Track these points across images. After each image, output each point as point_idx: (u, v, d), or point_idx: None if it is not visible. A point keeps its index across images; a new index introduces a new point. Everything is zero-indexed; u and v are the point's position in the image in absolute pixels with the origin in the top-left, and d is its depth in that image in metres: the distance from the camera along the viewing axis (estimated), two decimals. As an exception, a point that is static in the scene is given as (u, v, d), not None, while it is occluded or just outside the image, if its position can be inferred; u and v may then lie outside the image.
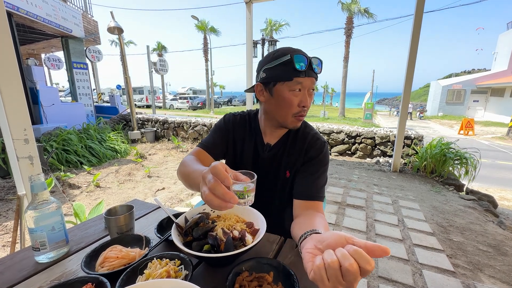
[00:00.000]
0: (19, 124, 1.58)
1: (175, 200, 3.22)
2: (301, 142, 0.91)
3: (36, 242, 0.65)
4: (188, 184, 0.78)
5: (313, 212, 0.77)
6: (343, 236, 0.43)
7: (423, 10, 3.71)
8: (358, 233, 2.31)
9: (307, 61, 0.79)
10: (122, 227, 0.76)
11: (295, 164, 0.91)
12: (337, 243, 0.42)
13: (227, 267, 0.63)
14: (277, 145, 0.93)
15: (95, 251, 0.65)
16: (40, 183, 0.66)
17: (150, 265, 0.59)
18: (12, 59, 1.52)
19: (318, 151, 0.89)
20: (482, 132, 12.11)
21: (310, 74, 0.80)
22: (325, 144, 0.91)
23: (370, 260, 0.36)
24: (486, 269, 1.86)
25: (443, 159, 3.98)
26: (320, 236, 0.48)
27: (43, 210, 0.65)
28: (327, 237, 0.45)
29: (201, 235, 0.63)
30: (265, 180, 0.94)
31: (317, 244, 0.47)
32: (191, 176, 0.73)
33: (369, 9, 15.76)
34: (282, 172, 0.92)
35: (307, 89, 0.82)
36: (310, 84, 0.82)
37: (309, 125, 0.96)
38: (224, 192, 0.48)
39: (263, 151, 0.93)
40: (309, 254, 0.45)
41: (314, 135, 0.92)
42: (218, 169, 0.49)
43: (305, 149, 0.90)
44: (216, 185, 0.48)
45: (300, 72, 0.78)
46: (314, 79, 0.82)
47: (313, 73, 0.81)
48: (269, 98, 0.85)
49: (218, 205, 0.49)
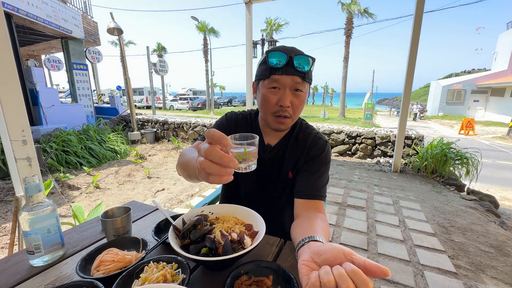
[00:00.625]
0: (17, 125, 1.57)
1: (175, 201, 3.20)
2: (303, 142, 0.89)
3: (31, 246, 0.64)
4: (187, 173, 0.72)
5: (313, 213, 0.76)
6: (341, 250, 0.41)
7: (423, 10, 3.70)
8: (359, 234, 2.30)
9: (287, 58, 0.75)
10: (119, 230, 0.74)
11: (296, 164, 0.89)
12: (335, 259, 0.41)
13: (225, 270, 0.61)
14: (278, 145, 0.91)
15: (90, 255, 0.64)
16: (35, 185, 0.64)
17: (147, 268, 0.58)
18: (10, 60, 1.51)
19: (319, 150, 0.87)
20: (482, 132, 12.09)
21: (290, 72, 0.76)
22: (326, 143, 0.90)
23: (368, 283, 0.35)
24: (488, 270, 1.84)
25: (444, 159, 3.97)
26: (318, 248, 0.46)
27: (37, 212, 0.64)
28: (325, 250, 0.44)
29: (199, 238, 0.61)
30: (266, 181, 0.93)
31: (314, 256, 0.45)
32: (190, 164, 0.67)
33: (369, 9, 15.77)
34: (284, 173, 0.90)
35: (288, 87, 0.77)
36: (290, 83, 0.77)
37: (310, 126, 0.95)
38: (221, 155, 0.42)
39: (264, 152, 0.92)
40: (305, 267, 0.44)
41: (316, 135, 0.91)
42: (213, 131, 0.43)
43: (307, 148, 0.88)
44: (212, 149, 0.42)
45: (277, 69, 0.76)
46: (297, 77, 0.76)
47: (295, 71, 0.76)
48: (257, 96, 0.86)
49: (217, 172, 0.42)
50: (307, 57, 0.76)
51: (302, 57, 0.76)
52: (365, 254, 2.00)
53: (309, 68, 0.77)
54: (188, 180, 0.82)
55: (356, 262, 0.38)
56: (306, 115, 18.76)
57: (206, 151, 0.42)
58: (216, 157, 0.42)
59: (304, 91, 0.80)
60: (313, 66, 0.81)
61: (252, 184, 0.94)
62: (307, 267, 0.44)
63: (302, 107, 0.82)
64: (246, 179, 0.94)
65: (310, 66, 0.77)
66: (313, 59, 0.78)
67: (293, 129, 0.92)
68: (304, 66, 0.76)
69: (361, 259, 0.38)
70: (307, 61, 0.76)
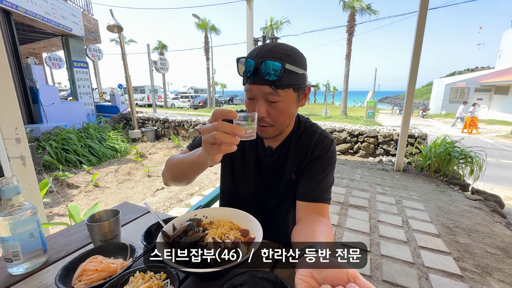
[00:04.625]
0: (10, 123, 1.52)
1: (174, 200, 3.16)
2: (307, 141, 0.82)
3: (8, 253, 0.59)
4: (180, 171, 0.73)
5: (316, 218, 0.71)
6: (345, 271, 0.37)
7: (427, 7, 3.62)
8: (361, 235, 2.25)
9: (254, 65, 0.65)
10: (107, 235, 0.70)
11: (300, 165, 0.82)
12: (337, 279, 0.37)
13: (218, 281, 0.56)
14: (280, 147, 0.85)
15: (73, 262, 0.59)
16: (13, 187, 0.60)
17: (132, 279, 0.53)
18: (2, 58, 1.47)
19: (325, 149, 0.80)
20: (486, 130, 11.96)
21: (258, 81, 0.66)
22: (332, 142, 0.83)
23: None
24: (495, 273, 1.79)
25: (447, 158, 3.90)
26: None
27: (15, 217, 0.59)
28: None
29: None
30: (269, 185, 0.87)
31: (313, 272, 0.41)
32: (184, 160, 0.70)
33: (371, 6, 15.60)
34: (287, 175, 0.84)
35: (261, 97, 0.68)
36: (260, 93, 0.67)
37: (315, 124, 0.88)
38: (232, 126, 0.50)
39: (265, 156, 0.86)
40: (303, 282, 0.41)
41: (321, 133, 0.83)
42: (221, 109, 0.53)
43: (312, 147, 0.81)
44: (222, 122, 0.50)
45: (247, 78, 0.68)
46: (267, 87, 0.65)
47: (262, 80, 0.64)
48: None
49: (229, 141, 0.50)
50: (276, 62, 0.63)
51: (270, 63, 0.63)
52: (368, 256, 1.94)
53: (280, 75, 0.63)
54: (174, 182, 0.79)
55: (361, 286, 0.34)
56: (308, 113, 18.68)
57: (218, 125, 0.50)
58: (228, 128, 0.50)
59: (281, 100, 0.68)
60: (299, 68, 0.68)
61: (254, 188, 0.89)
62: (305, 283, 0.40)
63: (284, 115, 0.72)
64: (247, 183, 0.89)
65: (280, 72, 0.63)
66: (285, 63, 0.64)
67: (296, 129, 0.85)
68: (272, 74, 0.63)
69: (366, 284, 0.34)
70: (275, 67, 0.63)
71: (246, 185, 0.90)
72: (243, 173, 0.89)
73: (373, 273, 1.75)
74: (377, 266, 1.83)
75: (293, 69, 0.66)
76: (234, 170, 0.90)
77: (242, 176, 0.89)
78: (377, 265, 1.84)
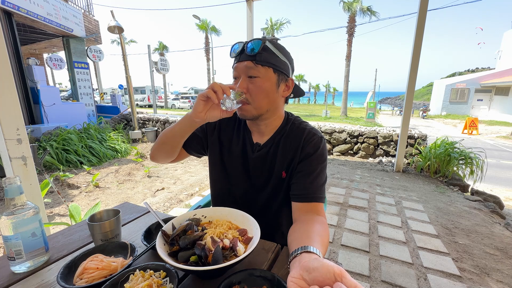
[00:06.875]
0: (12, 123, 1.54)
1: (175, 201, 3.18)
2: (296, 139, 0.83)
3: (11, 251, 0.60)
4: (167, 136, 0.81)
5: (312, 217, 0.72)
6: (332, 270, 0.38)
7: (427, 8, 3.64)
8: (360, 235, 2.25)
9: (242, 46, 0.76)
10: (107, 234, 0.71)
11: (291, 163, 0.83)
12: (325, 279, 0.39)
13: (217, 279, 0.57)
14: (268, 144, 0.85)
15: (74, 261, 0.60)
16: (16, 187, 0.61)
17: (132, 277, 0.54)
18: (4, 58, 1.48)
19: (315, 147, 0.81)
20: (486, 131, 11.96)
21: (243, 58, 0.76)
22: (322, 139, 0.83)
23: None
24: (494, 274, 1.79)
25: (447, 159, 3.90)
26: (307, 265, 0.44)
27: (18, 216, 0.60)
28: (315, 268, 0.41)
29: (189, 245, 0.58)
30: (258, 181, 0.88)
31: (303, 273, 0.43)
32: (172, 125, 0.79)
33: (372, 7, 15.63)
34: (277, 172, 0.84)
35: (243, 74, 0.76)
36: (243, 68, 0.76)
37: (304, 121, 0.89)
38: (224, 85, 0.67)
39: (252, 151, 0.87)
40: (294, 284, 0.43)
41: (310, 130, 0.84)
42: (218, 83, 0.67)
43: (302, 146, 0.82)
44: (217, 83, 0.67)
45: (235, 59, 0.79)
46: (249, 62, 0.74)
47: (246, 56, 0.75)
48: None
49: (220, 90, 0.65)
50: (258, 40, 0.74)
51: (253, 41, 0.74)
52: (367, 256, 1.95)
53: (259, 50, 0.73)
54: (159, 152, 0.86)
55: (347, 285, 0.35)
56: (308, 114, 18.68)
57: (213, 83, 0.67)
58: (220, 85, 0.66)
59: (260, 76, 0.75)
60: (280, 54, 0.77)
61: (244, 184, 0.89)
62: (295, 285, 0.42)
63: (262, 93, 0.77)
64: (237, 180, 0.90)
65: (259, 47, 0.73)
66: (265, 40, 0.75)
67: (285, 125, 0.86)
68: (254, 49, 0.73)
69: (352, 283, 0.35)
70: (257, 44, 0.73)
71: (234, 180, 0.91)
72: (231, 168, 0.90)
73: (372, 274, 1.76)
74: (376, 266, 1.84)
75: (273, 50, 0.76)
76: (222, 165, 0.92)
77: (230, 171, 0.91)
78: (376, 266, 1.85)
